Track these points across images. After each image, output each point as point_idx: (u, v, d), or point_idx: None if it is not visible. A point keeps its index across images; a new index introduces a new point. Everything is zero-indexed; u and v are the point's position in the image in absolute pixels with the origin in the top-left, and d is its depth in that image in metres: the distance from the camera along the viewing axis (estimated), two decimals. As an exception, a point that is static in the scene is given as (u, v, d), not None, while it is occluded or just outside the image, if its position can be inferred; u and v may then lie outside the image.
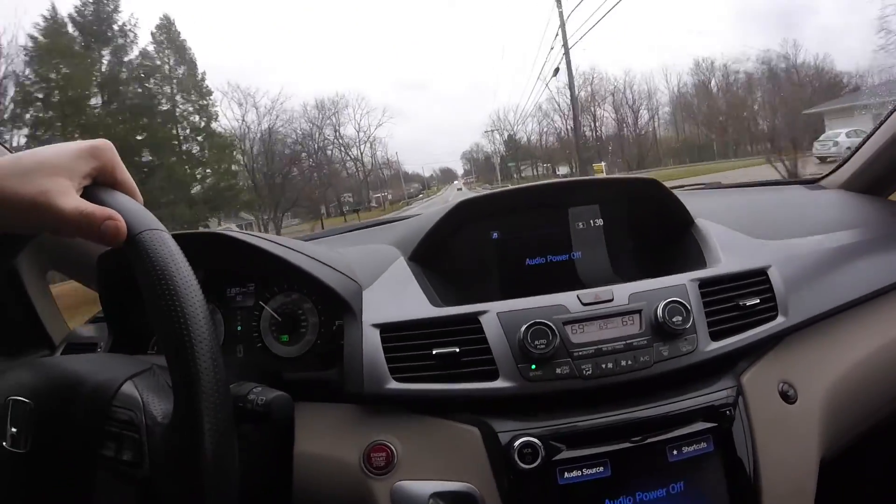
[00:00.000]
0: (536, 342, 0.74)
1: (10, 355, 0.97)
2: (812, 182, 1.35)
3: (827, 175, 1.32)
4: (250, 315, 0.91)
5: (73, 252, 1.03)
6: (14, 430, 0.51)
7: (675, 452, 0.73)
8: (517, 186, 0.98)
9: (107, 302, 0.90)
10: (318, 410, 0.80)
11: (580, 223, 1.02)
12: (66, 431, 0.51)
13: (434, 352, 0.76)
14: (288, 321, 0.90)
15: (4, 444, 0.51)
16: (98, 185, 0.50)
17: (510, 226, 1.01)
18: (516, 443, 0.71)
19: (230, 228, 0.94)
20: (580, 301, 0.79)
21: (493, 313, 0.78)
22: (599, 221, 1.02)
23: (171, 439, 0.48)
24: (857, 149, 1.21)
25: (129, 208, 0.48)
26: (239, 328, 0.91)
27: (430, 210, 1.10)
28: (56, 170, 0.45)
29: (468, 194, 1.02)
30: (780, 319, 0.83)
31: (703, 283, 0.82)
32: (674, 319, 0.76)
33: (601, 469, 0.72)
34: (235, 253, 0.84)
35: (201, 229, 0.99)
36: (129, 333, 0.92)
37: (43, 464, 0.51)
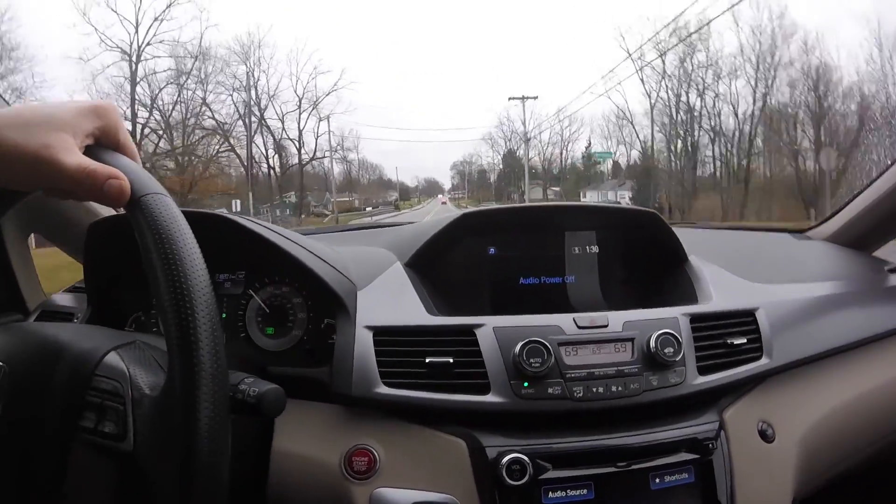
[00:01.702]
0: (532, 360, 0.74)
1: None
2: (799, 231, 1.40)
3: (815, 226, 1.37)
4: (237, 304, 0.89)
5: (60, 217, 1.00)
6: None
7: (657, 480, 0.74)
8: (518, 205, 0.99)
9: (91, 272, 0.87)
10: (300, 408, 0.78)
11: (576, 248, 1.03)
12: (43, 399, 0.49)
13: (427, 360, 0.75)
14: (275, 314, 0.88)
15: None
16: (100, 145, 0.48)
17: (507, 243, 1.02)
18: (504, 458, 0.70)
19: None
20: (576, 324, 0.79)
21: (489, 327, 0.78)
22: (595, 248, 1.03)
23: (161, 411, 0.46)
24: (846, 204, 1.26)
25: (133, 170, 0.47)
26: (223, 315, 0.89)
27: (431, 219, 1.10)
28: (59, 125, 0.44)
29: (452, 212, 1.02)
30: (764, 360, 0.85)
31: (695, 318, 0.84)
32: (665, 350, 0.77)
33: (585, 492, 0.72)
34: (230, 236, 0.82)
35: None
36: (109, 307, 0.89)
37: (13, 432, 0.48)
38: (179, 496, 0.41)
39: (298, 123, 26.31)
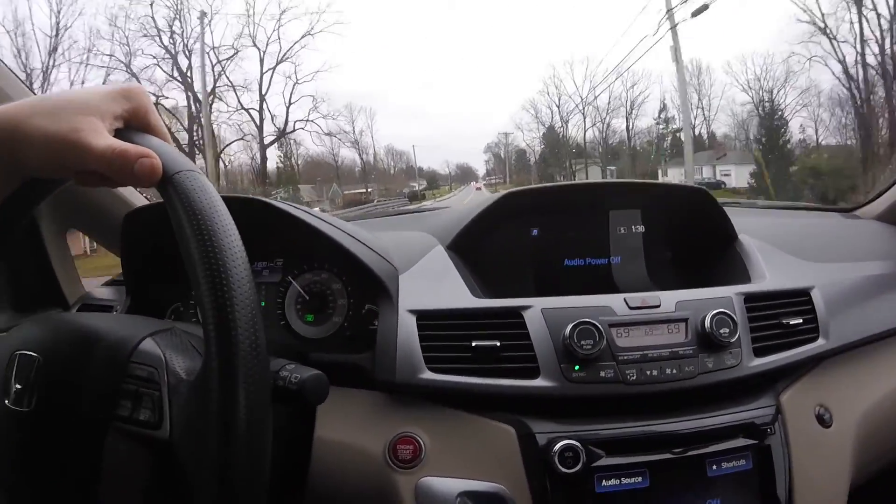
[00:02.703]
0: (583, 342, 0.71)
1: (21, 310, 0.93)
2: (847, 211, 1.35)
3: (862, 205, 1.33)
4: (275, 292, 0.88)
5: (96, 210, 1.00)
6: (18, 386, 0.48)
7: (714, 467, 0.72)
8: (561, 183, 0.97)
9: (128, 263, 0.87)
10: (342, 396, 0.77)
11: (621, 227, 1.00)
12: (77, 388, 0.48)
13: (473, 344, 0.73)
14: (315, 300, 0.87)
15: (7, 401, 0.48)
16: (130, 128, 0.48)
17: (550, 224, 1.00)
18: (556, 445, 0.68)
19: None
20: (627, 304, 0.77)
21: (537, 309, 0.76)
22: (640, 227, 1.01)
23: (198, 396, 0.44)
24: (893, 183, 1.21)
25: (164, 149, 0.46)
26: (262, 304, 0.88)
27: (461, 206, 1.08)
28: (87, 109, 0.44)
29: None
30: (820, 341, 0.82)
31: (749, 298, 0.81)
32: (721, 331, 0.74)
33: (639, 479, 0.70)
34: (267, 222, 0.81)
35: None
36: (148, 298, 0.88)
37: (48, 423, 0.47)
38: (218, 484, 0.39)
39: (260, 88, 18.51)
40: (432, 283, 0.82)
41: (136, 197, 1.01)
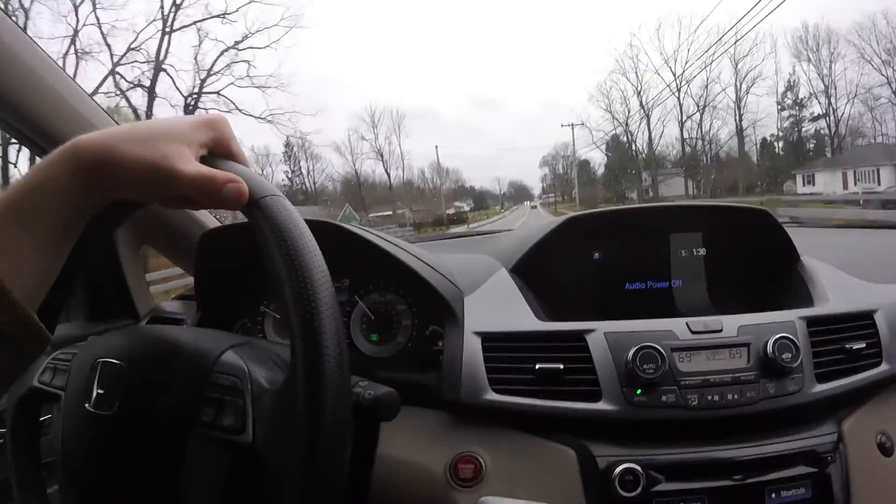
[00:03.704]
0: (645, 366, 0.72)
1: (95, 320, 0.98)
2: None
3: None
4: (342, 311, 0.91)
5: (170, 229, 1.04)
6: (101, 391, 0.51)
7: (773, 496, 0.71)
8: (621, 207, 0.97)
9: (200, 279, 0.91)
10: (405, 414, 0.77)
11: (682, 250, 1.00)
12: (161, 395, 0.50)
13: (537, 366, 0.74)
14: (380, 320, 0.90)
15: (87, 405, 0.51)
16: (214, 155, 0.50)
17: (612, 247, 1.00)
18: (617, 469, 0.69)
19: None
20: (689, 328, 0.77)
21: (600, 332, 0.77)
22: (702, 250, 1.00)
23: (283, 405, 0.46)
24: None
25: (249, 174, 0.48)
26: None
27: (532, 225, 1.09)
28: (175, 137, 0.46)
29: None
30: (884, 367, 0.80)
31: (812, 322, 0.80)
32: (783, 356, 0.73)
33: None
34: (336, 244, 0.84)
35: None
36: (217, 313, 0.92)
37: (130, 427, 0.50)
38: (305, 484, 0.41)
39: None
40: (497, 306, 0.84)
41: (209, 219, 1.06)
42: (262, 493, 0.47)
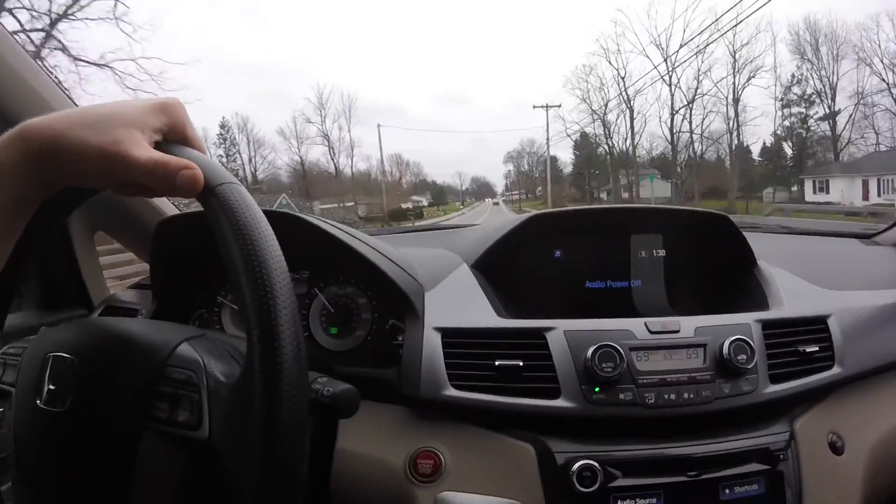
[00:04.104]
0: (604, 364, 0.73)
1: (46, 309, 0.95)
2: (865, 237, 1.36)
3: (882, 231, 1.33)
4: (301, 304, 0.89)
5: (126, 216, 1.02)
6: (52, 387, 0.49)
7: (727, 491, 0.73)
8: (584, 207, 0.98)
9: (156, 269, 0.89)
10: (365, 409, 0.77)
11: (642, 251, 1.02)
12: (113, 390, 0.49)
13: (497, 363, 0.74)
14: (340, 313, 0.88)
15: (38, 402, 0.49)
16: (168, 141, 0.48)
17: (573, 246, 1.01)
18: (575, 465, 0.69)
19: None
20: (647, 328, 0.78)
21: (559, 330, 0.77)
22: (662, 252, 1.02)
23: (239, 399, 0.45)
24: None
25: (205, 161, 0.47)
26: None
27: (497, 221, 1.09)
28: (128, 121, 0.44)
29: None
30: (836, 369, 0.83)
31: (767, 325, 0.82)
32: (738, 357, 0.75)
33: (654, 500, 0.71)
34: (295, 235, 0.82)
35: None
36: (173, 304, 0.90)
37: (82, 424, 0.48)
38: (261, 480, 0.40)
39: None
40: (458, 302, 0.84)
41: (167, 206, 1.03)
42: (219, 490, 0.46)
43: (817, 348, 0.83)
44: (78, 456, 0.48)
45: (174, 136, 0.49)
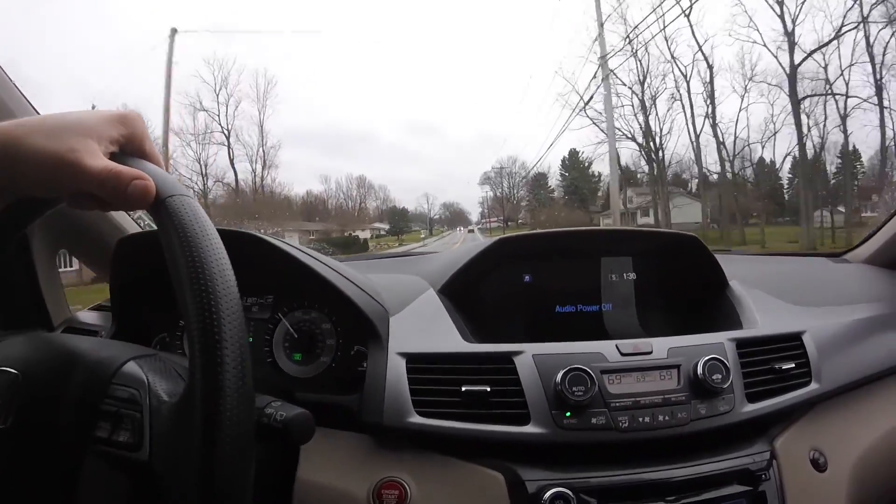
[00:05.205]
0: (574, 388, 0.70)
1: (4, 329, 0.91)
2: (835, 255, 1.37)
3: (851, 249, 1.34)
4: (263, 328, 0.87)
5: (88, 234, 0.98)
6: None
7: None
8: (552, 230, 0.97)
9: (117, 289, 0.86)
10: (328, 437, 0.75)
11: (612, 274, 1.01)
12: (56, 407, 0.47)
13: (463, 388, 0.72)
14: (304, 339, 0.86)
15: None
16: (125, 153, 0.48)
17: (543, 270, 1.00)
18: (547, 493, 0.67)
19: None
20: (619, 351, 0.76)
21: (528, 354, 0.75)
22: (632, 275, 1.01)
23: (179, 419, 0.44)
24: (882, 225, 1.23)
25: (158, 173, 0.46)
26: (250, 339, 0.86)
27: (464, 246, 1.08)
28: (85, 131, 0.44)
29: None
30: (813, 385, 0.82)
31: (741, 343, 0.81)
32: (713, 377, 0.73)
33: None
34: (259, 258, 0.80)
35: None
36: (135, 326, 0.87)
37: (24, 441, 0.46)
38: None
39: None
40: (423, 327, 0.82)
41: (129, 223, 1.00)
42: None
43: (793, 365, 0.81)
44: (19, 475, 0.46)
45: (132, 148, 0.49)
